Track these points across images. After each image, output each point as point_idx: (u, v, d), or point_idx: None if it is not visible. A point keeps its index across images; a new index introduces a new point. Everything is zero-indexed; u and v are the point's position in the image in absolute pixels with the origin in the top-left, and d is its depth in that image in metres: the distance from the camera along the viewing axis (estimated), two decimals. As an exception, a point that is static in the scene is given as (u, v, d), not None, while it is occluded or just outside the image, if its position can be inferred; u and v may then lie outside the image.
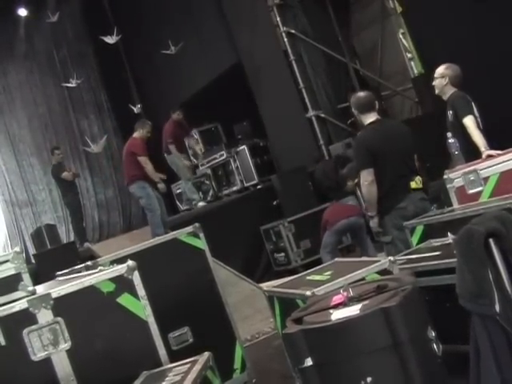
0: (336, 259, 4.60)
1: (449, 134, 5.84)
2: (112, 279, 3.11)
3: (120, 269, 3.14)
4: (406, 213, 5.00)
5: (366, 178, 5.14)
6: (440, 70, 5.85)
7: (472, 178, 4.63)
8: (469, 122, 5.49)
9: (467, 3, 8.66)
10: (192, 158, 13.00)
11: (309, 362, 2.52)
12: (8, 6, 14.61)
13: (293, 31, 11.18)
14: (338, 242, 8.68)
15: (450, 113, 5.74)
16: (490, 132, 5.63)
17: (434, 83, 5.91)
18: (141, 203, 10.05)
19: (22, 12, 15.17)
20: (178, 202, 13.51)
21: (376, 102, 5.38)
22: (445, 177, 4.86)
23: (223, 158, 12.31)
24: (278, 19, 11.22)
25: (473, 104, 5.67)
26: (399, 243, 4.99)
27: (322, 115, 11.16)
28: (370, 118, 5.29)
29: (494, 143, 5.34)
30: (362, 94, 5.51)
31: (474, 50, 8.49)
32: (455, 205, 4.73)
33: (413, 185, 5.12)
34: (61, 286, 3.11)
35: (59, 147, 13.08)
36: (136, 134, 9.73)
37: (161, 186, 9.71)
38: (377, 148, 5.12)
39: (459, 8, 8.73)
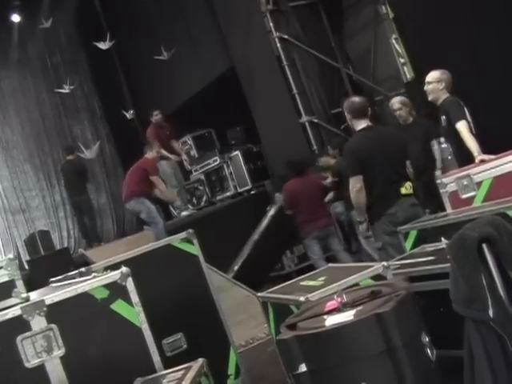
0: (329, 264, 4.61)
1: (442, 139, 5.85)
2: (106, 286, 3.10)
3: (114, 275, 3.13)
4: (396, 219, 5.01)
5: (355, 184, 5.15)
6: (436, 74, 5.82)
7: (465, 183, 4.65)
8: (462, 127, 5.50)
9: (460, 8, 8.69)
10: (184, 162, 12.97)
11: (303, 367, 2.52)
12: (1, 11, 14.59)
13: (286, 37, 11.18)
14: (324, 245, 8.52)
15: (443, 118, 5.74)
16: (483, 137, 5.64)
17: (427, 88, 5.87)
18: (142, 218, 9.79)
19: (15, 18, 15.16)
20: (171, 208, 13.49)
21: (369, 109, 5.40)
22: (438, 182, 4.88)
23: (216, 163, 12.31)
24: (271, 25, 11.21)
25: (465, 109, 5.68)
26: (390, 249, 5.00)
27: (316, 120, 11.16)
28: (361, 125, 5.30)
29: (486, 148, 5.35)
30: (356, 99, 5.52)
31: (466, 54, 8.51)
32: (448, 210, 4.74)
33: (403, 190, 5.13)
34: (54, 293, 3.10)
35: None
36: (148, 156, 9.75)
37: (177, 203, 9.79)
38: (366, 154, 5.13)
39: (452, 14, 8.75)
